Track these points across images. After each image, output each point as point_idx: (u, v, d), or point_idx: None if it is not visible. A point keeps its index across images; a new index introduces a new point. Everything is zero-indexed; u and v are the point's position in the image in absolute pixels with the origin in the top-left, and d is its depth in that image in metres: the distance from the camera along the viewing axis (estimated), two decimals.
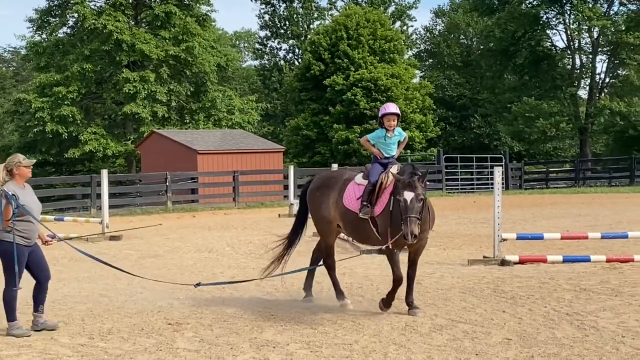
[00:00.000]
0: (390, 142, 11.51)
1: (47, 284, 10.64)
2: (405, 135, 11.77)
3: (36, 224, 10.35)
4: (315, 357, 9.01)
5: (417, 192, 10.20)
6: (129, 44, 56.74)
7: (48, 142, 59.17)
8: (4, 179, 10.35)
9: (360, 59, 56.92)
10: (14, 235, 10.14)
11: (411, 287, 11.32)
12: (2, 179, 10.34)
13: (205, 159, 43.00)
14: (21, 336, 10.21)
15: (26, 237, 10.29)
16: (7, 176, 10.38)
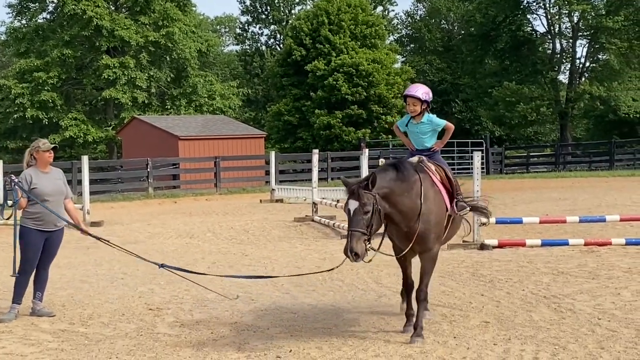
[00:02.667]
0: (417, 131, 9.79)
1: (43, 271, 10.66)
2: (444, 125, 9.80)
3: (54, 207, 10.39)
4: (295, 341, 9.08)
5: (362, 201, 8.40)
6: (109, 30, 56.50)
7: (28, 128, 58.90)
8: (29, 162, 10.61)
9: (342, 44, 56.88)
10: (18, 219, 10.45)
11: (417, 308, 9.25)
12: (27, 162, 10.62)
13: (186, 145, 42.94)
14: (2, 321, 10.29)
15: (38, 221, 10.37)
16: (32, 160, 10.61)
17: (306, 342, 8.98)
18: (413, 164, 9.28)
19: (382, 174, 8.76)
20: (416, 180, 8.95)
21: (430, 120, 9.73)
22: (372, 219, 8.47)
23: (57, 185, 10.56)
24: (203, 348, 8.97)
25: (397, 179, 8.79)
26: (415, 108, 9.70)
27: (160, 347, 9.09)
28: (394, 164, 9.02)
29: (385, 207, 8.65)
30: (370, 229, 8.46)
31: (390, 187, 8.69)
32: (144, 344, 9.23)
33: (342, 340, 9.08)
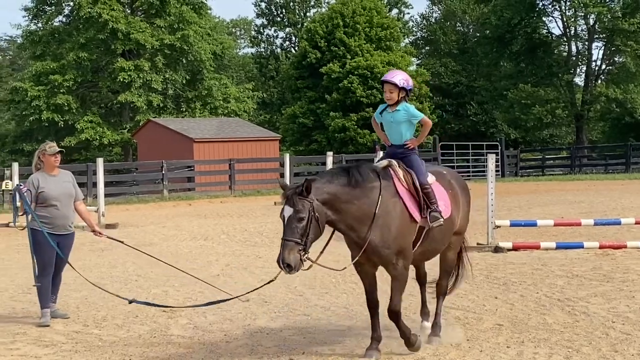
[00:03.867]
0: (391, 120, 8.84)
1: (57, 275, 10.63)
2: (420, 117, 8.84)
3: (63, 211, 10.39)
4: (308, 343, 9.08)
5: (297, 208, 7.70)
6: (124, 33, 56.66)
7: (44, 130, 59.13)
8: (37, 165, 10.62)
9: (357, 46, 56.89)
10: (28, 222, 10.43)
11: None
12: (35, 165, 10.63)
13: (201, 147, 43.03)
14: (43, 325, 10.31)
15: (48, 224, 10.34)
16: (40, 163, 10.61)
17: (319, 345, 8.98)
18: (375, 169, 8.48)
19: (327, 178, 8.07)
20: (374, 187, 8.19)
21: (406, 109, 8.77)
22: (308, 227, 7.75)
23: (65, 188, 10.53)
24: (216, 350, 8.99)
25: (346, 185, 8.06)
26: (392, 95, 8.76)
27: (173, 349, 9.11)
28: (347, 168, 8.30)
29: (328, 215, 7.94)
30: (306, 238, 7.74)
31: (335, 193, 7.97)
32: (157, 346, 9.26)
33: (355, 342, 9.07)
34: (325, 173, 8.29)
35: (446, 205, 8.74)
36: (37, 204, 10.37)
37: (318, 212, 7.81)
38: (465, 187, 9.65)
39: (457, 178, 9.59)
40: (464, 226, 9.55)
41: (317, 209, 7.81)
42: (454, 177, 9.49)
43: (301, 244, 7.71)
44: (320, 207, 7.84)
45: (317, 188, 7.88)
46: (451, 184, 9.20)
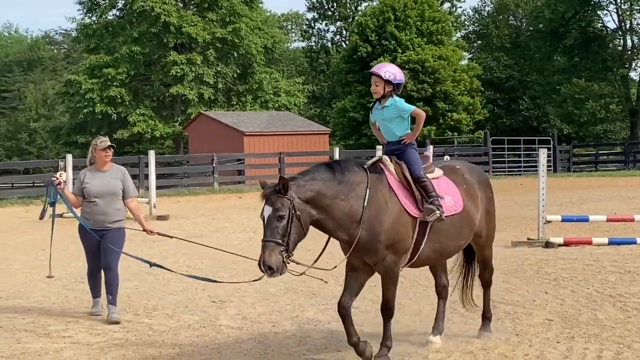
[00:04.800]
0: (382, 118, 8.42)
1: (105, 272, 10.33)
2: (411, 110, 8.32)
3: (103, 208, 10.21)
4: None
5: (275, 207, 7.33)
6: (177, 27, 57.10)
7: (98, 123, 59.86)
8: (91, 160, 10.53)
9: (408, 40, 56.69)
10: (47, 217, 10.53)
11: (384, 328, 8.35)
12: (90, 160, 10.55)
13: (251, 141, 43.23)
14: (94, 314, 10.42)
15: (87, 219, 10.29)
16: (93, 158, 10.51)
17: (367, 337, 8.96)
18: (362, 163, 8.10)
19: (310, 175, 7.68)
20: (360, 182, 7.81)
21: (394, 104, 8.27)
22: (289, 227, 7.35)
23: (110, 185, 10.29)
24: (264, 341, 9.04)
25: (330, 181, 7.69)
26: (377, 89, 8.31)
27: (222, 339, 9.19)
28: (330, 164, 7.94)
29: (312, 213, 7.53)
30: (287, 238, 7.33)
31: (318, 191, 7.57)
32: (206, 336, 9.34)
33: (403, 335, 9.07)
34: (308, 171, 7.83)
35: (456, 200, 8.31)
36: (83, 198, 10.34)
37: (300, 211, 7.40)
38: (487, 183, 9.14)
39: (475, 174, 9.05)
40: (489, 223, 9.01)
41: (299, 207, 7.40)
42: (471, 173, 8.96)
43: (282, 244, 7.29)
44: (302, 206, 7.44)
45: (298, 186, 7.49)
46: (466, 179, 8.71)
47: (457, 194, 8.39)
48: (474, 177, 8.89)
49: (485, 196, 8.94)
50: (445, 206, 8.11)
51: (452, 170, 8.76)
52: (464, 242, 8.63)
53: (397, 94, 8.37)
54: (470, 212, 8.51)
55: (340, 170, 7.80)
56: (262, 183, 7.58)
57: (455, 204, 8.28)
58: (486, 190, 9.01)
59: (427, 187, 8.02)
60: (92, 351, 8.85)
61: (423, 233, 8.01)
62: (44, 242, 18.51)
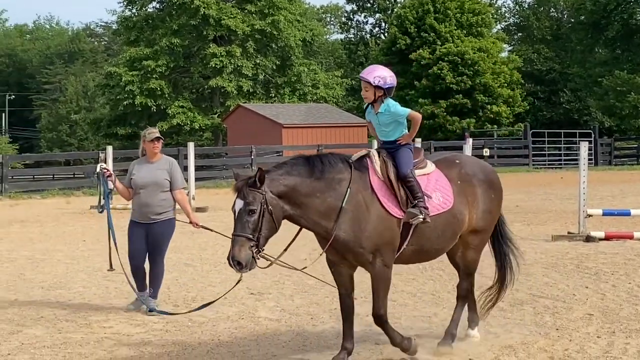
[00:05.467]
0: (377, 123, 8.08)
1: (151, 265, 10.40)
2: (407, 114, 7.99)
3: (146, 199, 10.14)
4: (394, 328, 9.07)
5: (247, 200, 7.07)
6: (216, 19, 57.27)
7: (137, 115, 60.25)
8: (142, 151, 10.54)
9: (447, 32, 56.39)
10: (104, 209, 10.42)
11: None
12: (141, 151, 10.55)
13: (289, 133, 43.30)
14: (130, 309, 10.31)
15: (135, 211, 10.32)
16: (144, 150, 10.52)
17: (405, 330, 8.94)
18: (347, 159, 7.74)
19: (286, 168, 7.40)
20: (342, 179, 7.47)
21: (388, 109, 7.91)
22: (260, 222, 7.11)
23: (155, 176, 10.18)
24: (303, 333, 9.06)
25: (308, 176, 7.39)
26: (367, 94, 7.93)
27: (260, 331, 9.22)
28: (310, 158, 7.58)
29: (285, 208, 7.28)
30: (258, 233, 7.10)
31: (293, 186, 7.30)
32: (245, 328, 9.38)
33: (441, 328, 9.02)
34: (284, 163, 7.56)
35: (445, 196, 7.90)
36: (133, 190, 10.34)
37: (272, 206, 7.15)
38: (492, 180, 8.48)
39: (480, 170, 8.45)
40: (487, 224, 8.45)
41: (271, 201, 7.15)
42: (475, 169, 8.40)
43: (253, 239, 7.08)
44: (274, 200, 7.18)
45: (272, 179, 7.23)
46: (464, 175, 8.21)
47: (447, 190, 7.96)
48: (475, 174, 8.32)
49: (486, 195, 8.33)
50: (432, 205, 7.73)
51: (450, 164, 8.31)
52: (446, 244, 8.09)
53: (389, 97, 7.96)
54: (458, 211, 8.00)
55: (321, 166, 7.48)
56: (236, 174, 7.33)
57: (444, 202, 7.87)
58: (489, 189, 8.39)
59: (413, 188, 7.63)
60: (132, 342, 8.93)
61: (406, 234, 7.64)
62: (85, 233, 18.72)
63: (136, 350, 8.61)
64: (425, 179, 7.88)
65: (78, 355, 8.49)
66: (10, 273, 13.63)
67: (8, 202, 28.77)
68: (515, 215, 21.32)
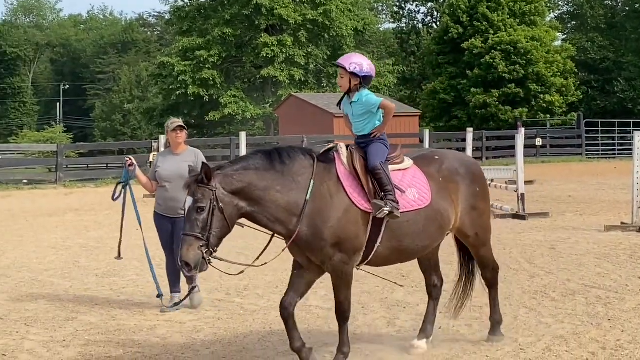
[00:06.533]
0: (351, 113, 7.76)
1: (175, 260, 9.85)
2: (378, 103, 7.58)
3: (172, 193, 9.74)
4: (444, 318, 9.08)
5: (196, 198, 6.79)
6: (268, 8, 57.39)
7: (190, 104, 60.68)
8: (167, 143, 10.40)
9: (500, 21, 55.86)
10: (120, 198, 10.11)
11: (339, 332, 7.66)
12: (167, 142, 10.43)
13: (341, 123, 43.09)
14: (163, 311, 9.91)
15: (160, 205, 10.04)
16: (169, 141, 10.35)
17: (456, 320, 8.97)
18: (310, 151, 7.47)
19: (242, 164, 7.09)
20: (304, 172, 7.14)
21: (361, 99, 7.57)
22: (210, 220, 6.78)
23: (180, 169, 9.22)
24: (354, 322, 9.09)
25: (267, 170, 7.07)
26: (342, 81, 7.62)
27: (312, 320, 9.29)
28: (269, 151, 7.24)
29: (240, 206, 6.95)
30: (208, 232, 6.77)
31: (249, 182, 6.97)
32: (296, 316, 9.42)
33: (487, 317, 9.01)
34: (242, 158, 7.33)
35: (422, 193, 7.50)
36: (158, 183, 10.05)
37: (224, 203, 6.82)
38: (474, 174, 8.09)
39: (461, 164, 8.04)
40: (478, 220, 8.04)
41: (223, 199, 6.82)
42: (454, 164, 7.97)
43: (202, 239, 6.74)
44: (227, 197, 6.86)
45: (225, 175, 6.92)
46: (443, 171, 7.82)
47: (424, 187, 7.56)
48: (457, 169, 7.94)
49: (470, 191, 7.96)
50: (406, 201, 7.35)
51: (429, 160, 7.92)
52: (430, 241, 7.69)
53: (365, 87, 7.62)
54: (439, 208, 7.62)
55: (280, 159, 7.14)
56: (190, 169, 7.04)
57: (419, 199, 7.47)
58: (472, 185, 8.00)
59: (381, 180, 7.24)
60: (185, 329, 9.06)
61: (378, 230, 7.26)
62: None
63: (188, 338, 8.73)
64: (400, 174, 7.54)
65: (131, 342, 8.63)
66: (66, 260, 13.88)
67: (63, 190, 29.19)
68: (567, 205, 21.16)
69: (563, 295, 10.13)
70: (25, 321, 9.56)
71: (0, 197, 26.77)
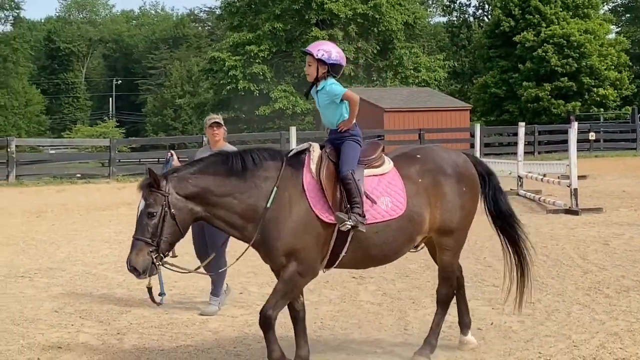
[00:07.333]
0: (318, 103, 7.42)
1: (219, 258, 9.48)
2: (341, 94, 7.23)
3: None
4: (496, 314, 9.04)
5: (147, 202, 6.63)
6: (318, 3, 57.41)
7: (240, 99, 60.92)
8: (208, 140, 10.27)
9: (552, 14, 55.32)
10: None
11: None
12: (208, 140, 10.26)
13: (391, 117, 43.16)
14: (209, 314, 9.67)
15: None
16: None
17: (508, 316, 8.92)
18: (280, 154, 7.15)
19: (199, 166, 6.91)
20: (268, 177, 6.89)
21: (325, 88, 7.23)
22: (161, 226, 6.62)
23: None
24: (405, 317, 9.09)
25: (226, 175, 6.86)
26: (310, 70, 7.28)
27: (362, 314, 9.29)
28: (231, 154, 7.00)
29: (195, 210, 6.77)
30: (158, 238, 6.61)
31: (206, 187, 6.79)
32: (347, 311, 9.45)
33: (545, 315, 8.96)
34: (201, 160, 7.08)
35: (396, 202, 7.12)
36: None
37: (177, 209, 6.66)
38: (461, 173, 7.59)
39: (447, 163, 7.55)
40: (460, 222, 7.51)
41: (176, 204, 6.66)
42: (439, 163, 7.52)
43: (152, 244, 6.60)
44: (180, 202, 6.69)
45: (180, 179, 6.75)
46: (425, 172, 7.38)
47: (399, 195, 7.16)
48: (441, 168, 7.47)
49: (455, 190, 7.47)
50: (377, 211, 7.01)
51: (410, 160, 7.48)
52: (400, 249, 7.33)
53: (333, 76, 7.28)
54: (415, 214, 7.21)
55: (243, 163, 6.89)
56: (148, 170, 6.77)
57: (392, 208, 7.09)
58: (459, 184, 7.50)
59: (350, 191, 6.90)
60: (237, 323, 9.12)
61: (343, 241, 6.97)
62: None
63: (240, 332, 8.78)
64: (375, 181, 7.16)
65: (184, 335, 8.71)
66: (119, 255, 14.02)
67: (115, 184, 29.52)
68: (621, 200, 20.89)
69: (617, 291, 10.02)
70: (80, 314, 9.70)
71: (55, 191, 27.17)
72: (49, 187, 29.16)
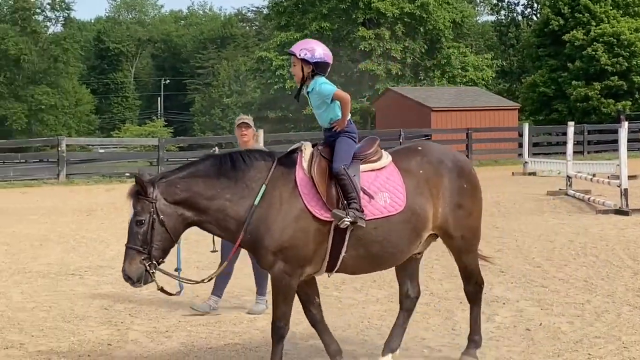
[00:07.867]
0: (310, 104, 7.24)
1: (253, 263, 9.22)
2: (331, 94, 6.99)
3: None
4: (545, 315, 8.97)
5: (135, 210, 6.64)
6: (365, 2, 57.43)
7: (287, 99, 61.07)
8: None
9: (602, 12, 54.70)
10: None
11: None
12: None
13: (438, 116, 42.97)
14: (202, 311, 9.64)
15: None
16: None
17: (557, 317, 8.86)
18: (271, 154, 7.05)
19: (188, 171, 6.82)
20: (258, 177, 6.77)
21: (314, 88, 7.02)
22: (151, 234, 6.58)
23: None
24: (452, 317, 9.08)
25: (215, 177, 6.76)
26: (295, 70, 7.08)
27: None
28: (221, 156, 6.90)
29: (186, 215, 6.71)
30: (149, 245, 6.58)
31: (195, 190, 6.70)
32: (394, 310, 9.40)
33: (594, 316, 8.88)
34: (190, 164, 6.95)
35: (395, 198, 6.91)
36: None
37: (165, 215, 6.60)
38: (462, 168, 7.39)
39: (448, 157, 7.37)
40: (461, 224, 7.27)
41: (165, 210, 6.61)
42: (440, 156, 7.32)
43: (144, 252, 6.58)
44: (169, 208, 6.63)
45: (168, 185, 6.67)
46: (426, 164, 7.18)
47: (399, 190, 6.96)
48: (442, 161, 7.28)
49: (455, 185, 7.23)
50: (375, 207, 6.83)
51: (411, 153, 7.31)
52: (404, 246, 7.05)
53: (320, 74, 7.04)
54: (415, 208, 6.99)
55: (233, 165, 6.80)
56: (136, 175, 6.74)
57: (391, 204, 6.89)
58: (459, 179, 7.28)
59: (345, 187, 6.73)
60: None
61: (342, 239, 6.77)
62: None
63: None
64: (372, 176, 6.97)
65: (232, 333, 8.77)
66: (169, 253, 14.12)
67: None
68: None
69: None
70: (129, 312, 9.81)
71: (104, 190, 27.46)
72: (98, 186, 29.52)
